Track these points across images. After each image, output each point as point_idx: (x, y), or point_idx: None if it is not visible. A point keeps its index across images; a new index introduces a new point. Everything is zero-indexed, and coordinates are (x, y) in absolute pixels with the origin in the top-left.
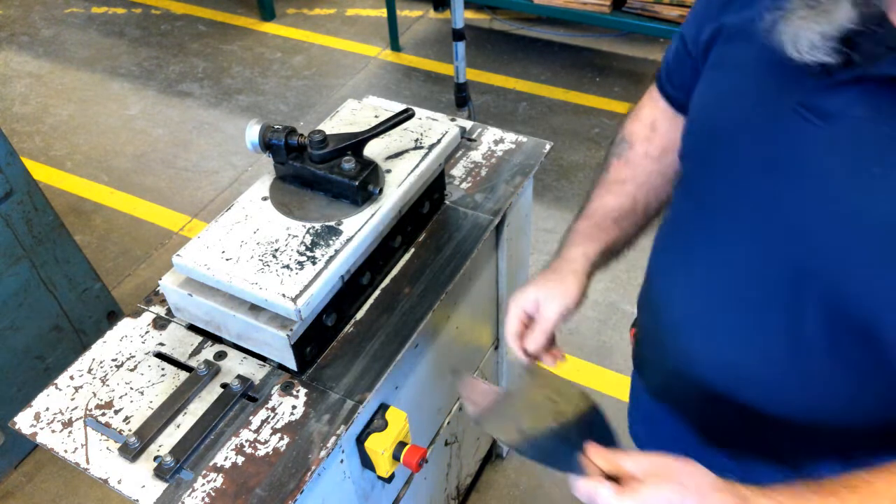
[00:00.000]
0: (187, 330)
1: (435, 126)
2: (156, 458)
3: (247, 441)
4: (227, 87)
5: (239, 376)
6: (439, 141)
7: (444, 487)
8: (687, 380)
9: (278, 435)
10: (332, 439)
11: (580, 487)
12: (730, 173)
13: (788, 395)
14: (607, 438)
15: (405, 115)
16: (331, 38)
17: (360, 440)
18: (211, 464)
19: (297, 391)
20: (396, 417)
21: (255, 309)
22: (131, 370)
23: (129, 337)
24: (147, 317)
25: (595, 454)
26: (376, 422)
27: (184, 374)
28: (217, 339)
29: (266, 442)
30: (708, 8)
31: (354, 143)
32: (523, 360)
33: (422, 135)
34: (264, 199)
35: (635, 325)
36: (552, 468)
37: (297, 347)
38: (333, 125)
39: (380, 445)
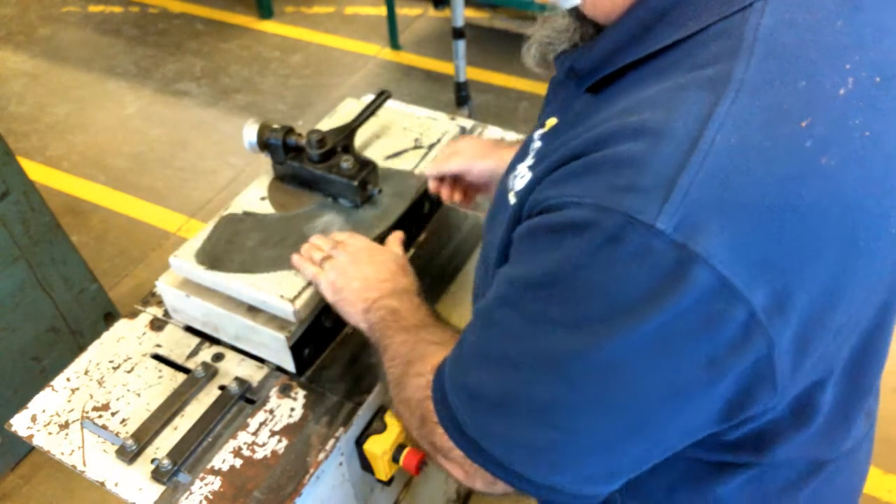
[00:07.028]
0: (184, 331)
1: (434, 125)
2: (153, 460)
3: (245, 443)
4: (225, 86)
5: (237, 378)
6: (439, 140)
7: (444, 490)
8: None
9: (276, 437)
10: (331, 441)
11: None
12: None
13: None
14: None
15: (383, 98)
16: (329, 36)
17: (360, 442)
18: (208, 466)
19: (296, 393)
20: (396, 420)
21: (253, 310)
22: (128, 372)
23: (125, 338)
24: (144, 318)
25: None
26: (375, 424)
27: (181, 376)
28: (214, 341)
29: (264, 444)
30: None
31: (344, 136)
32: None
33: (421, 134)
34: (262, 199)
35: None
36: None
37: (296, 349)
38: (332, 124)
39: (379, 448)
